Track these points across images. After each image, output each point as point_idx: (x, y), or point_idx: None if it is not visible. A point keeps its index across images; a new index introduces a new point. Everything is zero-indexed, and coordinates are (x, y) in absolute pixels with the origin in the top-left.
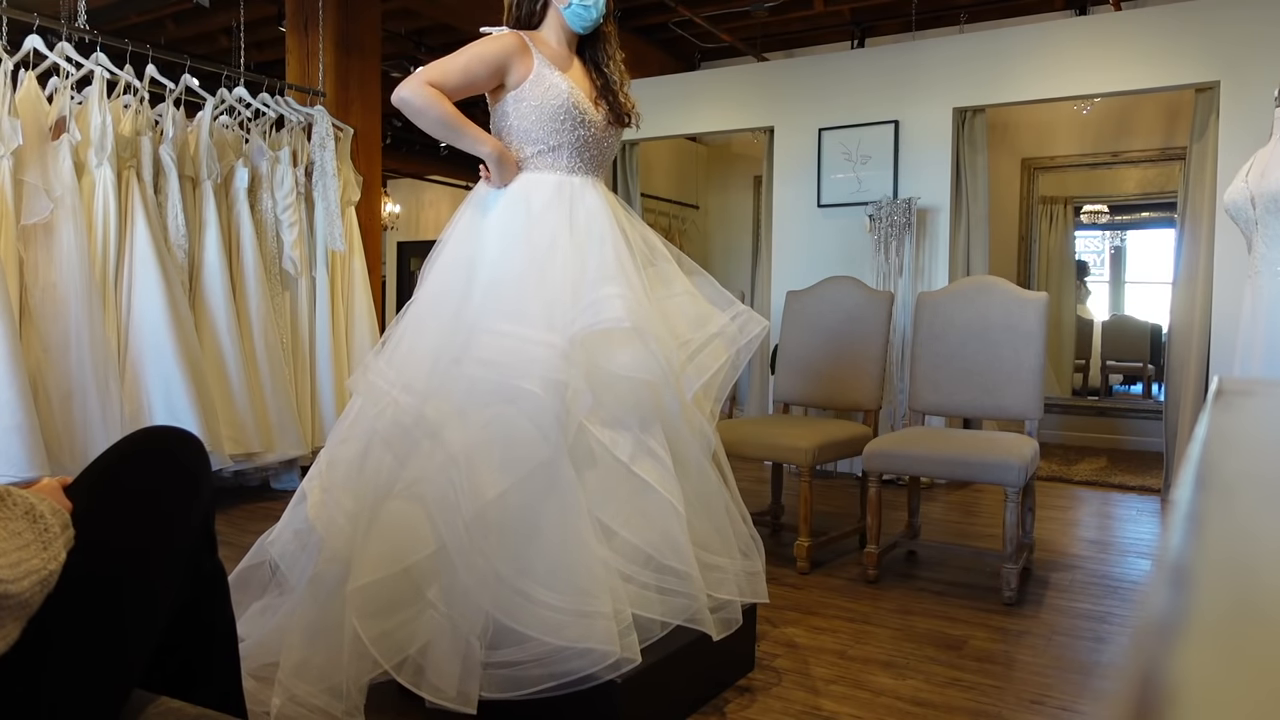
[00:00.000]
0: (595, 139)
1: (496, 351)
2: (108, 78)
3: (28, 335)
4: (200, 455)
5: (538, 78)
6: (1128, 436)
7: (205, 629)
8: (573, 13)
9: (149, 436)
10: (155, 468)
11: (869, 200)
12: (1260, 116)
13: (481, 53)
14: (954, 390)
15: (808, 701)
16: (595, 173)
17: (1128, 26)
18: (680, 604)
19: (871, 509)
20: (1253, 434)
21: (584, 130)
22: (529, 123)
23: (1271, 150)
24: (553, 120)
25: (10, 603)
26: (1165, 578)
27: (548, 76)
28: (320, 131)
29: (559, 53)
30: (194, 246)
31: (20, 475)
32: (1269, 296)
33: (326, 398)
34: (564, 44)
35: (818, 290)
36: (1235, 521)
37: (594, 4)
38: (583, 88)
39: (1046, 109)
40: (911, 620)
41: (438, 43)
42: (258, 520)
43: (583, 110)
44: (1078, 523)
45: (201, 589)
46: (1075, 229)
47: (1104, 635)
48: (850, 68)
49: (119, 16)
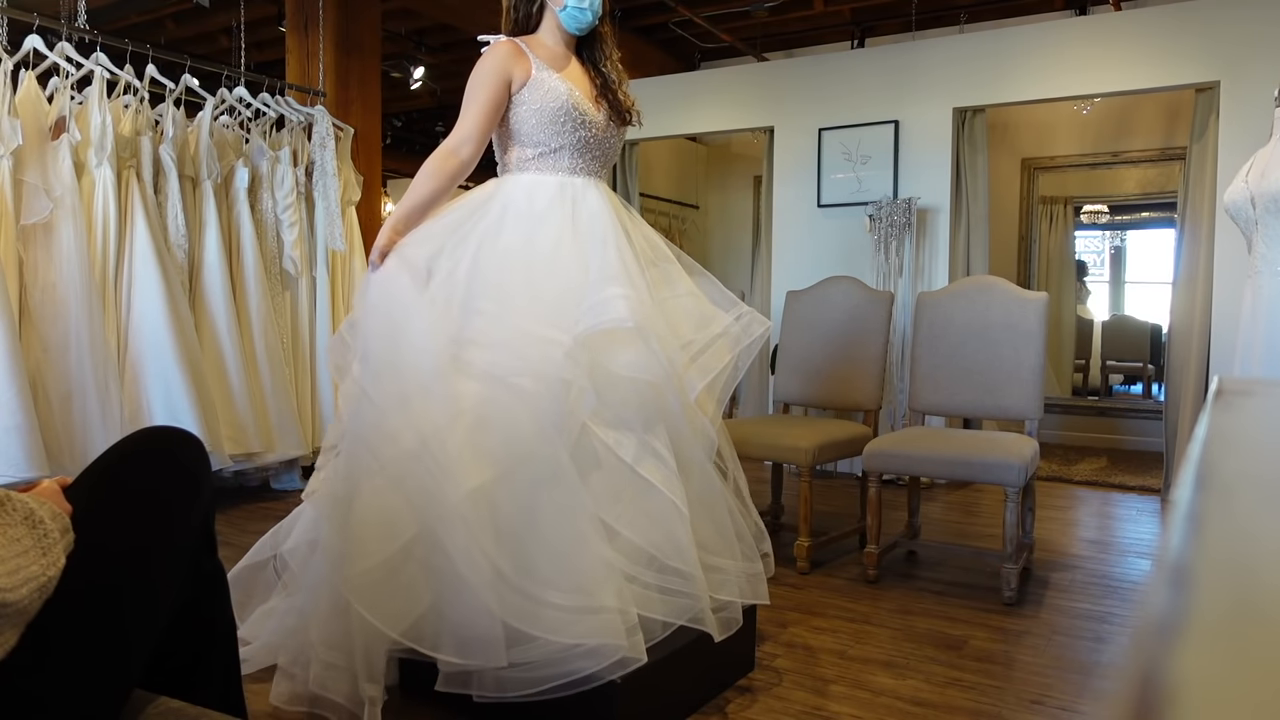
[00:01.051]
0: (597, 139)
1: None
2: (108, 78)
3: (28, 335)
4: (200, 455)
5: (536, 81)
6: (1128, 436)
7: (205, 629)
8: (568, 15)
9: (149, 437)
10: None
11: (869, 200)
12: (1260, 116)
13: (483, 79)
14: (954, 390)
15: (808, 701)
16: (598, 174)
17: (1128, 26)
18: (683, 604)
19: (871, 509)
20: (1253, 434)
21: (585, 131)
22: (530, 125)
23: (1271, 150)
24: (553, 122)
25: (8, 611)
26: (1165, 578)
27: (546, 79)
28: (320, 131)
29: (557, 54)
30: (194, 246)
31: (20, 476)
32: (1269, 296)
33: (326, 398)
34: (561, 45)
35: (818, 290)
36: (1235, 521)
37: (588, 6)
38: (582, 88)
39: (1046, 109)
40: (911, 620)
41: (437, 42)
42: (258, 520)
43: (583, 111)
44: (1078, 523)
45: (202, 589)
46: (1075, 229)
47: (1104, 635)
48: (850, 68)
49: (119, 16)
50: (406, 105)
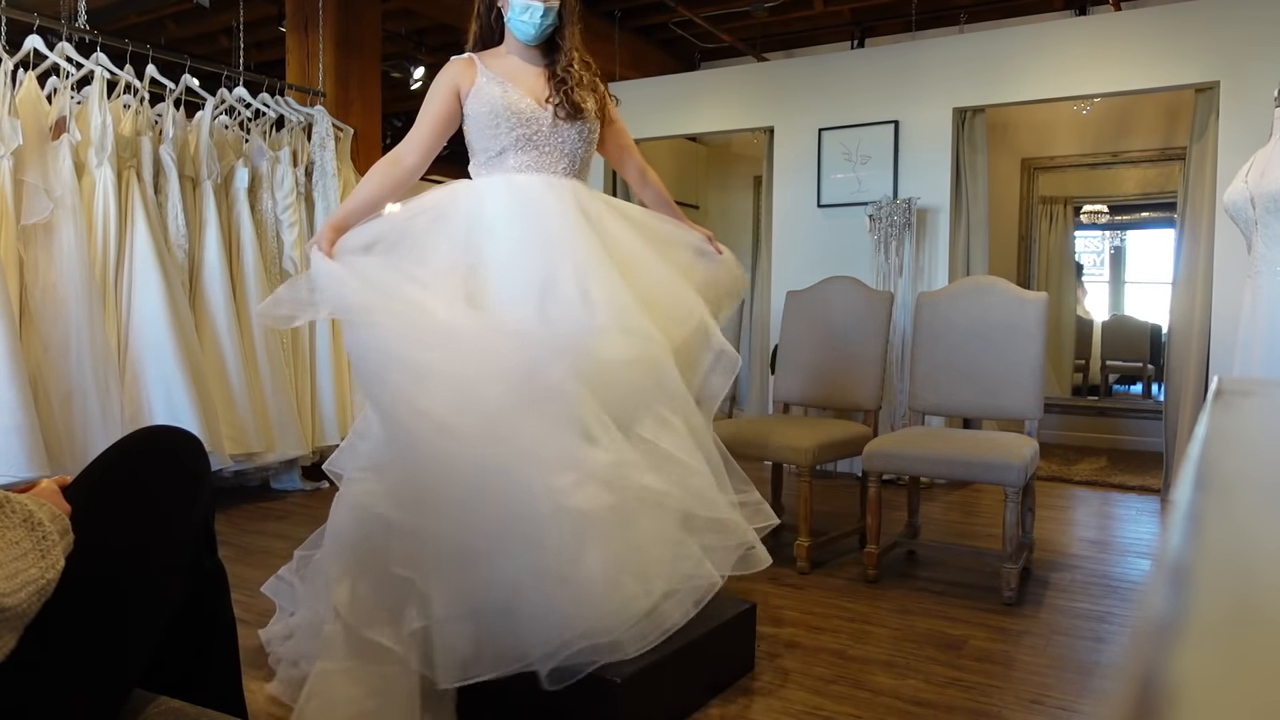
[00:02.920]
0: (542, 135)
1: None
2: (108, 78)
3: (28, 335)
4: (200, 455)
5: (476, 89)
6: (1127, 436)
7: (205, 629)
8: (515, 24)
9: (149, 436)
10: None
11: (869, 200)
12: (1260, 116)
13: (432, 93)
14: (954, 390)
15: (808, 701)
16: (559, 170)
17: (1128, 26)
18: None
19: (871, 509)
20: (1252, 434)
21: (524, 129)
22: (473, 135)
23: (1271, 150)
24: (490, 125)
25: (6, 615)
26: (1165, 578)
27: (484, 87)
28: (320, 131)
29: (517, 65)
30: (194, 246)
31: (20, 476)
32: (1269, 296)
33: (326, 398)
34: (526, 54)
35: (818, 290)
36: (1235, 521)
37: (529, 18)
38: (527, 88)
39: (1046, 109)
40: (911, 620)
41: (437, 42)
42: (257, 520)
43: (517, 110)
44: (1077, 523)
45: (202, 588)
46: (1075, 229)
47: (1104, 635)
48: (850, 68)
49: (119, 16)
50: (406, 105)
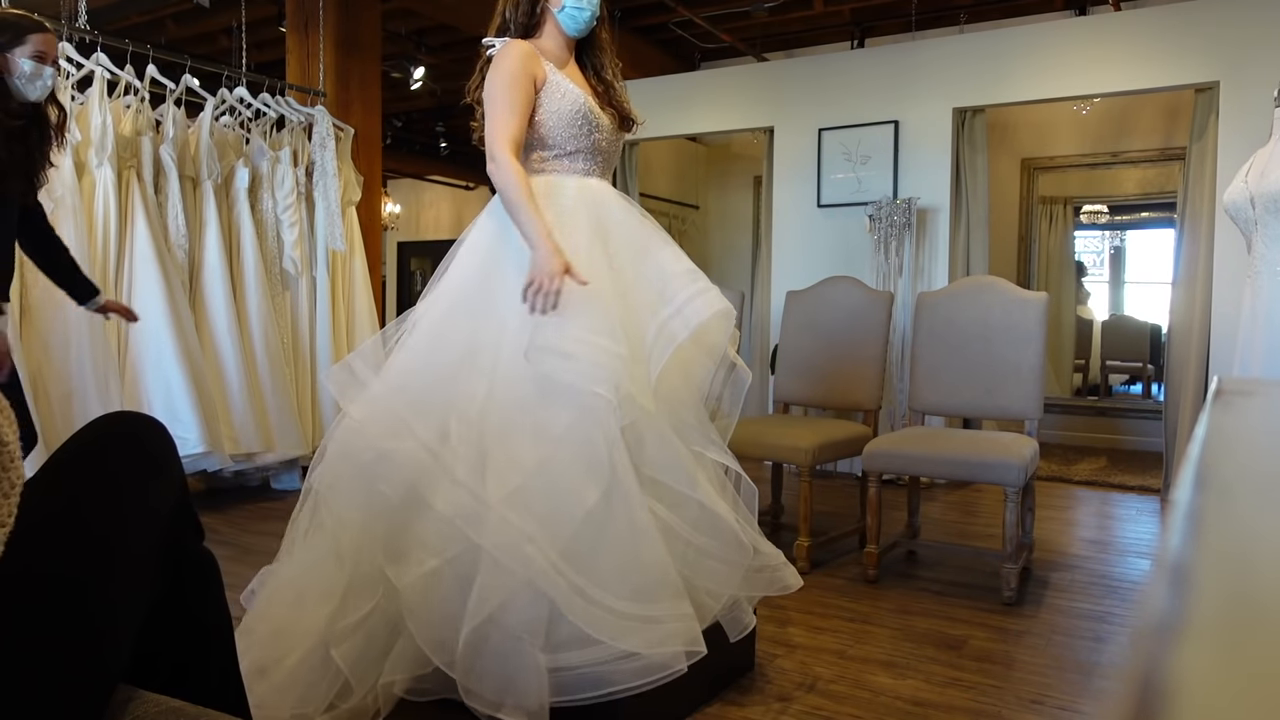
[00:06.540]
0: (607, 143)
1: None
2: (108, 78)
3: (28, 335)
4: (164, 438)
5: (553, 84)
6: (1127, 436)
7: (194, 622)
8: (566, 15)
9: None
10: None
11: (869, 200)
12: (1260, 116)
13: (511, 79)
14: (954, 390)
15: (808, 701)
16: (604, 175)
17: (1128, 26)
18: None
19: (871, 509)
20: (1252, 434)
21: (598, 134)
22: (545, 129)
23: (1271, 150)
24: (571, 125)
25: None
26: (1165, 578)
27: (561, 83)
28: (320, 131)
29: (560, 59)
30: (194, 246)
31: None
32: (1269, 296)
33: (327, 398)
34: (562, 49)
35: (818, 290)
36: (1235, 521)
37: (586, 4)
38: (587, 92)
39: (1046, 109)
40: (911, 620)
41: (438, 42)
42: (258, 520)
43: (596, 115)
44: (1077, 523)
45: (187, 580)
46: (1075, 229)
47: (1104, 635)
48: (850, 68)
49: (119, 17)
50: (406, 105)
